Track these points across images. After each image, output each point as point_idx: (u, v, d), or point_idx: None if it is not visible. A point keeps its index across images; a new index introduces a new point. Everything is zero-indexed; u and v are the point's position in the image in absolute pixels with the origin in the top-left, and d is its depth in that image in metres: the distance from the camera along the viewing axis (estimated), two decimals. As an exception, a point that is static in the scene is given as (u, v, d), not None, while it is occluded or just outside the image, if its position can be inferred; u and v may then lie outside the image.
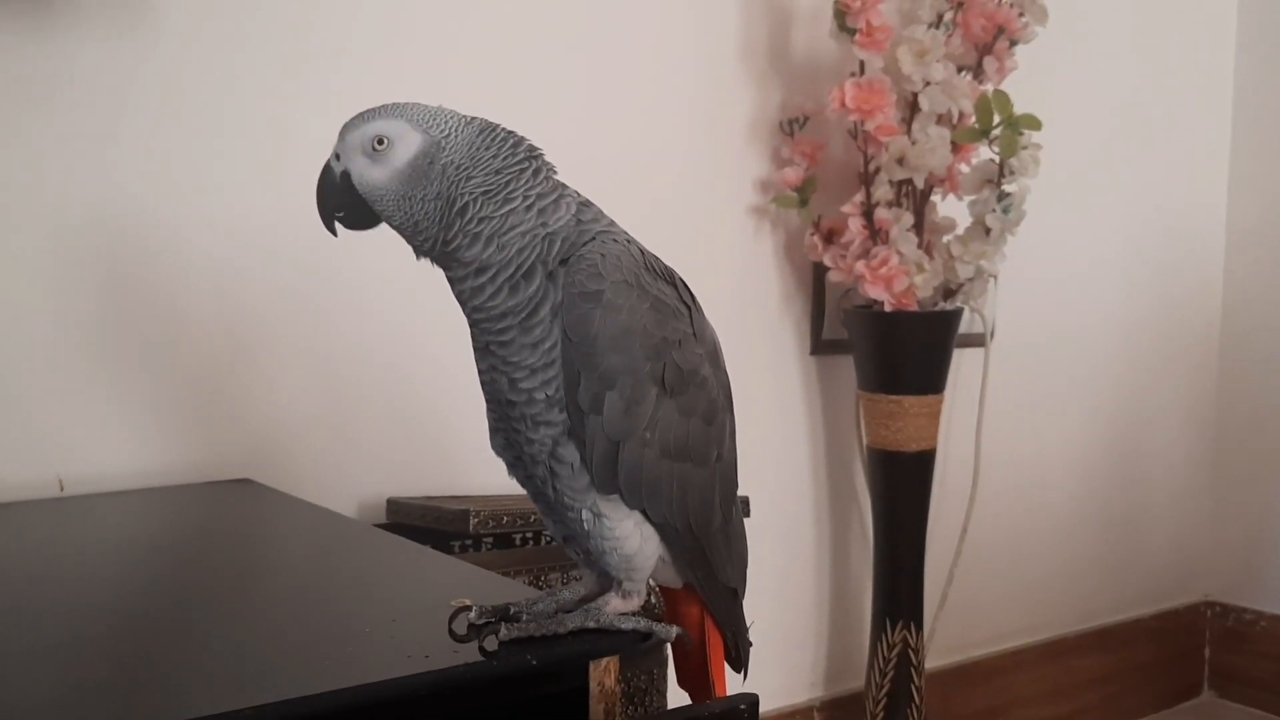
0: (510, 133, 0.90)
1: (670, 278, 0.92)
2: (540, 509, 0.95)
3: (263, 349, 1.60)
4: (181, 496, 1.47)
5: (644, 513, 0.90)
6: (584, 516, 0.89)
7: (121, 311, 1.51)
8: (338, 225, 0.92)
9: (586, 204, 0.92)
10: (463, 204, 0.87)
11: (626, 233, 0.92)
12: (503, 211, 0.87)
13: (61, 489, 1.46)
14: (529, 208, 0.87)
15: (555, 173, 0.91)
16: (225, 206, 1.56)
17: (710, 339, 0.95)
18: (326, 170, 0.90)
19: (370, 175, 0.88)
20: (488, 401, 0.92)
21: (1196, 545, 2.88)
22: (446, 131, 0.88)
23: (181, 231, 1.54)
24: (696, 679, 1.01)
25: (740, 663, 1.01)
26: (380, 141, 0.87)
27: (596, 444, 0.86)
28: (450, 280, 0.90)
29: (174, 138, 1.53)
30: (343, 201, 0.90)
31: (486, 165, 0.87)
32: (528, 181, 0.88)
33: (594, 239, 0.88)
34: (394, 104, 0.89)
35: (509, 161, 0.88)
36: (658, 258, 0.92)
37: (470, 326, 0.90)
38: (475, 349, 0.91)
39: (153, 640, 0.91)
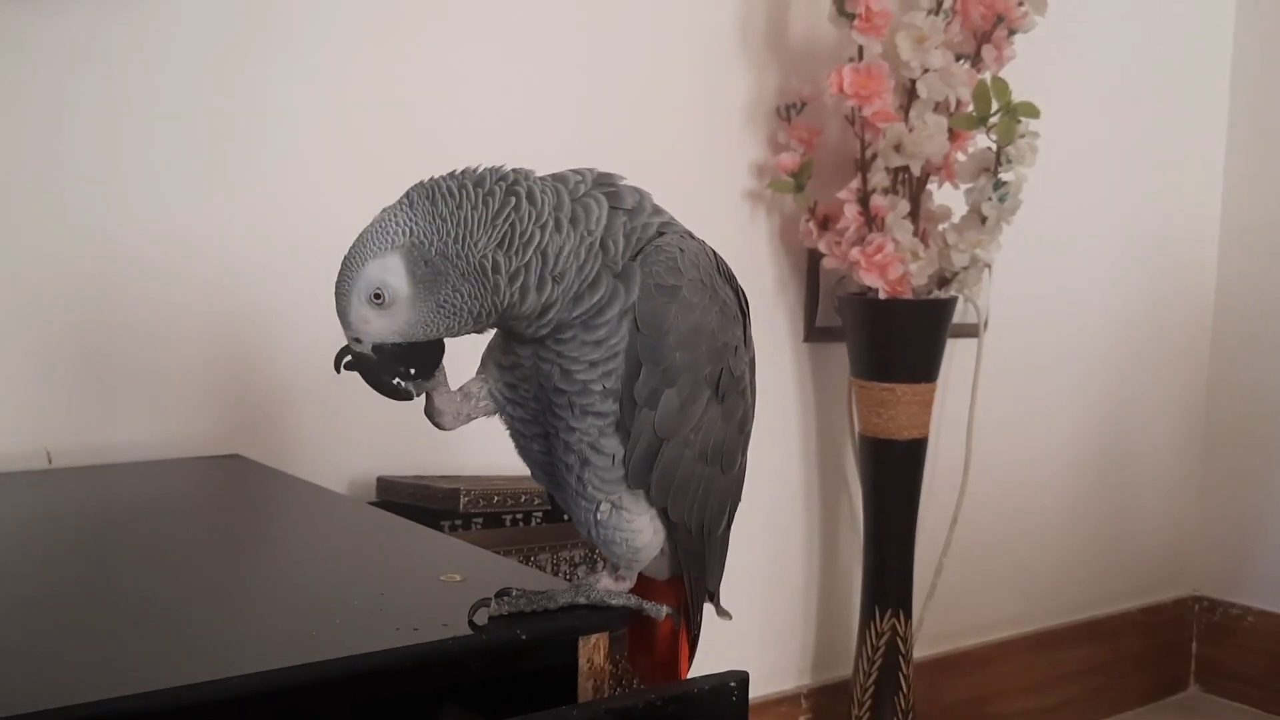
0: (454, 179, 0.83)
1: (733, 282, 0.91)
2: (542, 482, 0.94)
3: (253, 324, 1.59)
4: (171, 471, 1.46)
5: (662, 510, 0.89)
6: (601, 508, 0.88)
7: (111, 284, 1.50)
8: (412, 383, 0.88)
9: (606, 180, 0.87)
10: (489, 264, 0.81)
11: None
12: (530, 254, 0.82)
13: (50, 461, 1.45)
14: (558, 228, 0.83)
15: (535, 175, 0.85)
16: (217, 184, 1.55)
17: (752, 348, 0.94)
18: (360, 359, 0.86)
19: (396, 324, 0.84)
20: (512, 387, 0.90)
21: (1185, 539, 2.89)
22: (404, 228, 0.81)
23: (173, 206, 1.53)
24: (662, 664, 1.01)
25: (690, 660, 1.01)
26: (377, 295, 0.82)
27: (642, 438, 0.85)
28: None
29: (167, 115, 1.51)
30: (399, 365, 0.86)
31: (473, 220, 0.81)
32: (529, 211, 0.82)
33: (664, 232, 0.86)
34: (345, 260, 0.83)
35: (491, 204, 0.82)
36: (723, 259, 0.91)
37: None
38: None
39: (141, 611, 0.91)
